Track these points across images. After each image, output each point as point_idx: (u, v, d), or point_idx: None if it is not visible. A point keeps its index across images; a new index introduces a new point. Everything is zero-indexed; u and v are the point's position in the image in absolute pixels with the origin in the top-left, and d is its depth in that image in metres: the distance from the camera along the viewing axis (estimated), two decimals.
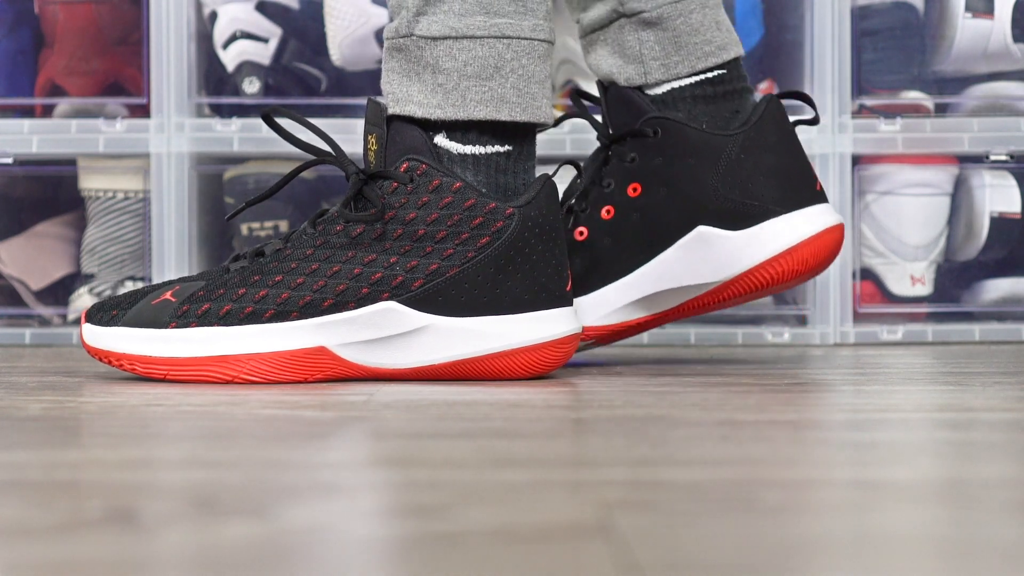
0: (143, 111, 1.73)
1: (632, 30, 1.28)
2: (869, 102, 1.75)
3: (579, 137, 1.72)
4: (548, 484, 0.69)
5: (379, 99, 1.19)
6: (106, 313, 1.18)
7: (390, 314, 1.15)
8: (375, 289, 1.15)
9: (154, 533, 0.58)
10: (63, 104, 1.75)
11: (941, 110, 1.77)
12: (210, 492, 0.67)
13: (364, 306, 1.15)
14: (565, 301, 1.18)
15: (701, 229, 1.26)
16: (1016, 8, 1.74)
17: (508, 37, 1.17)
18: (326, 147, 1.22)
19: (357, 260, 1.15)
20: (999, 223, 1.75)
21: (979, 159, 1.75)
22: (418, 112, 1.17)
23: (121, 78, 1.76)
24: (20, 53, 1.78)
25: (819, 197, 1.28)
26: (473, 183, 1.17)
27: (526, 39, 1.18)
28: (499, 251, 1.15)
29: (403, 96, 1.18)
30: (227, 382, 1.15)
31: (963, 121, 1.73)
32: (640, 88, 1.29)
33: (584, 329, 1.29)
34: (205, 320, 1.15)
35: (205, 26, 1.76)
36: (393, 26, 1.20)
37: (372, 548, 0.55)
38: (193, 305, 1.16)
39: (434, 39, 1.17)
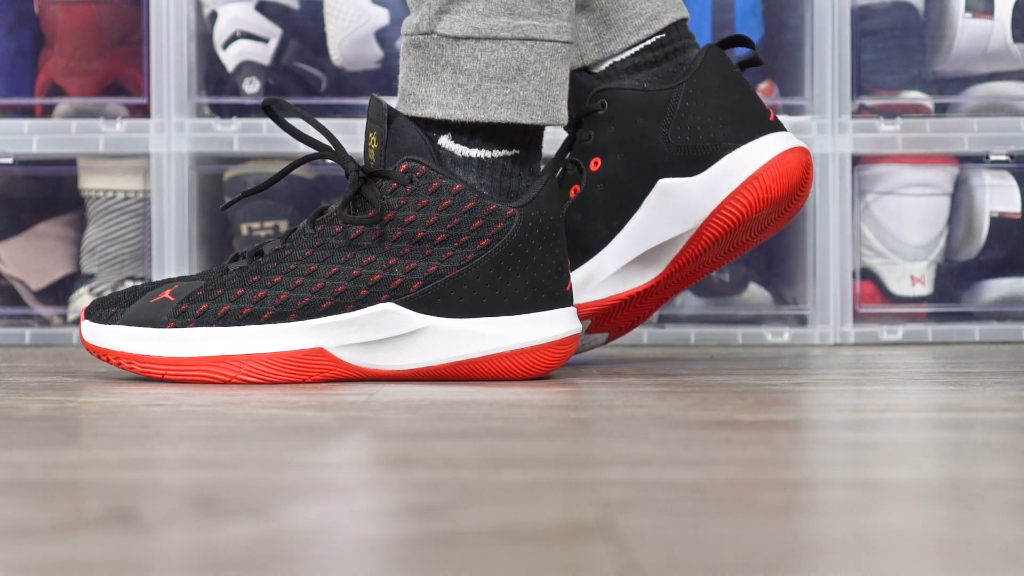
0: (143, 111, 1.73)
1: None
2: (869, 102, 1.75)
3: None
4: (548, 484, 0.69)
5: (381, 97, 1.19)
6: (105, 310, 1.18)
7: (389, 316, 1.15)
8: (374, 291, 1.15)
9: (154, 533, 0.58)
10: (63, 104, 1.75)
11: (941, 110, 1.77)
12: (210, 492, 0.67)
13: (363, 308, 1.15)
14: (565, 301, 1.18)
15: (662, 183, 1.26)
16: (1016, 8, 1.74)
17: (532, 39, 1.17)
18: (326, 142, 1.22)
19: (355, 261, 1.15)
20: (999, 223, 1.75)
21: (979, 159, 1.75)
22: (438, 113, 1.16)
23: (121, 78, 1.76)
24: (20, 53, 1.78)
25: (774, 126, 1.27)
26: (475, 184, 1.17)
27: (549, 41, 1.17)
28: (499, 252, 1.15)
29: (422, 97, 1.17)
30: (225, 382, 1.15)
31: (963, 121, 1.73)
32: (585, 70, 1.30)
33: (578, 308, 1.28)
34: (203, 320, 1.15)
35: (205, 26, 1.76)
36: (413, 21, 1.18)
37: (372, 548, 0.55)
38: (191, 305, 1.16)
39: (456, 39, 1.16)
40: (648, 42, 1.29)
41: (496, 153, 1.18)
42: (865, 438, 0.87)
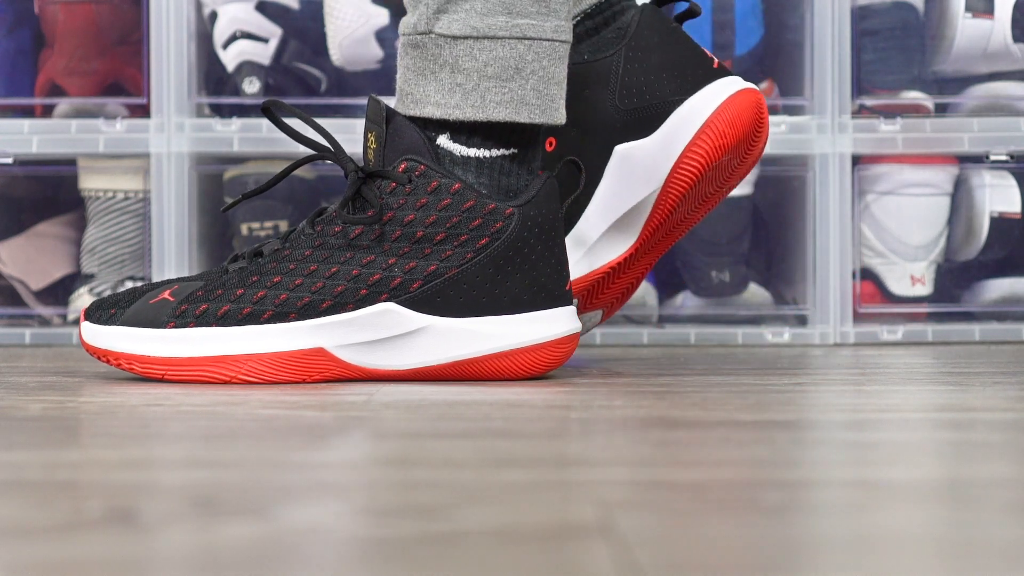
0: (143, 111, 1.73)
1: None
2: (869, 102, 1.75)
3: None
4: (548, 484, 0.69)
5: (380, 97, 1.19)
6: (104, 311, 1.18)
7: (388, 315, 1.15)
8: (373, 290, 1.15)
9: (154, 533, 0.58)
10: (63, 104, 1.75)
11: (941, 110, 1.77)
12: (210, 492, 0.67)
13: (362, 307, 1.15)
14: (565, 300, 1.18)
15: (619, 149, 1.26)
16: (1016, 8, 1.74)
17: (530, 38, 1.16)
18: (326, 143, 1.22)
19: (355, 261, 1.15)
20: (999, 223, 1.75)
21: (979, 159, 1.75)
22: (436, 113, 1.16)
23: (121, 78, 1.76)
24: (20, 53, 1.78)
25: (719, 73, 1.27)
26: (474, 183, 1.17)
27: (547, 40, 1.17)
28: (498, 251, 1.15)
29: (420, 96, 1.17)
30: (225, 382, 1.15)
31: (963, 121, 1.73)
32: None
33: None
34: (203, 320, 1.15)
35: (205, 26, 1.76)
36: (411, 21, 1.18)
37: (372, 548, 0.55)
38: (191, 305, 1.16)
39: (454, 38, 1.16)
40: (587, 9, 1.29)
41: (494, 152, 1.18)
42: (865, 438, 0.87)
